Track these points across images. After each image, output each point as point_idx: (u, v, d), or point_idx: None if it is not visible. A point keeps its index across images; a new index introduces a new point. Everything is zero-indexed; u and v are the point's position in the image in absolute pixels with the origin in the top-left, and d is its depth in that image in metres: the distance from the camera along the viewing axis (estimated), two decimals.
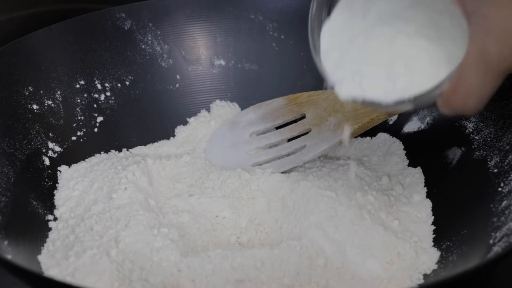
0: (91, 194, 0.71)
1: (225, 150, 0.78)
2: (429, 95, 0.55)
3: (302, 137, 0.75)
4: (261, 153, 0.76)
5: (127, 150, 0.79)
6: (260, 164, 0.76)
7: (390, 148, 0.77)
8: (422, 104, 0.56)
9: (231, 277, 0.61)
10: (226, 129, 0.79)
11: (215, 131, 0.80)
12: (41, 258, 0.65)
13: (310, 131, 0.74)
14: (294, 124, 0.76)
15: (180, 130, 0.82)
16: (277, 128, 0.78)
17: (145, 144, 0.80)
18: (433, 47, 0.55)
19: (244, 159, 0.76)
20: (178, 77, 0.83)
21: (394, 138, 0.78)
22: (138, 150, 0.80)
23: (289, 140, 0.76)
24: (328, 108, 0.74)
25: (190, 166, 0.76)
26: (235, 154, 0.77)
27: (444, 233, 0.68)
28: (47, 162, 0.74)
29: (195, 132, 0.81)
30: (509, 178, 0.65)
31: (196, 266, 0.62)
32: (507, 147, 0.68)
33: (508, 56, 0.49)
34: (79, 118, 0.78)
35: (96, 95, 0.79)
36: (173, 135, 0.82)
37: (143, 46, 0.82)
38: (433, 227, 0.69)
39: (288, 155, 0.75)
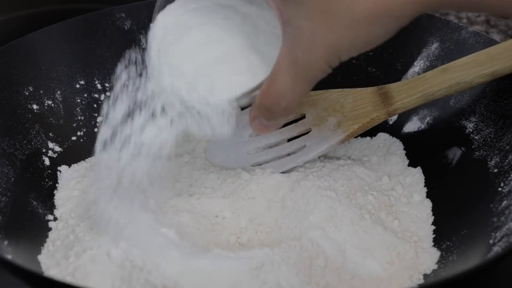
0: (91, 194, 0.71)
1: (225, 150, 0.78)
2: (251, 95, 0.61)
3: (302, 137, 0.75)
4: (261, 153, 0.76)
5: None
6: (260, 164, 0.76)
7: (390, 148, 0.77)
8: (245, 103, 0.62)
9: (231, 277, 0.61)
10: None
11: None
12: (41, 258, 0.65)
13: (310, 131, 0.74)
14: (294, 124, 0.76)
15: None
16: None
17: None
18: (253, 53, 0.61)
19: (244, 159, 0.76)
20: None
21: (394, 138, 0.78)
22: None
23: (289, 140, 0.76)
24: (328, 108, 0.74)
25: (190, 166, 0.76)
26: (235, 154, 0.77)
27: (444, 233, 0.68)
28: (47, 162, 0.74)
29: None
30: (509, 178, 0.65)
31: (196, 266, 0.62)
32: (507, 147, 0.68)
33: (316, 64, 0.55)
34: (79, 118, 0.78)
35: (96, 95, 0.79)
36: None
37: (143, 46, 0.82)
38: (433, 227, 0.69)
39: (288, 155, 0.75)
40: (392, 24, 0.54)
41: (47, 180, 0.73)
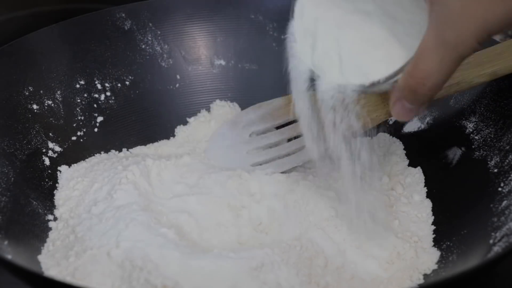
0: (91, 194, 0.71)
1: (225, 150, 0.78)
2: (395, 76, 0.59)
3: (302, 137, 0.75)
4: (261, 153, 0.76)
5: (127, 150, 0.79)
6: (260, 164, 0.76)
7: (390, 148, 0.77)
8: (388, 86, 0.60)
9: (231, 277, 0.61)
10: (226, 129, 0.79)
11: (215, 131, 0.80)
12: (41, 258, 0.65)
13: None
14: (294, 124, 0.76)
15: (180, 130, 0.82)
16: (277, 128, 0.78)
17: (145, 144, 0.80)
18: (393, 41, 0.60)
19: (244, 159, 0.76)
20: (178, 77, 0.83)
21: (394, 138, 0.78)
22: (138, 150, 0.80)
23: (289, 140, 0.76)
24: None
25: (190, 166, 0.76)
26: (235, 154, 0.77)
27: (444, 233, 0.68)
28: (47, 162, 0.74)
29: (195, 132, 0.81)
30: (509, 178, 0.65)
31: (196, 266, 0.62)
32: (507, 147, 0.68)
33: (465, 41, 0.53)
34: (79, 118, 0.78)
35: (96, 95, 0.79)
36: (173, 135, 0.82)
37: (143, 46, 0.82)
38: (433, 227, 0.69)
39: (288, 155, 0.75)
40: None
41: (47, 180, 0.73)
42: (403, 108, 0.59)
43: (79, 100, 0.78)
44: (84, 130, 0.78)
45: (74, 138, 0.77)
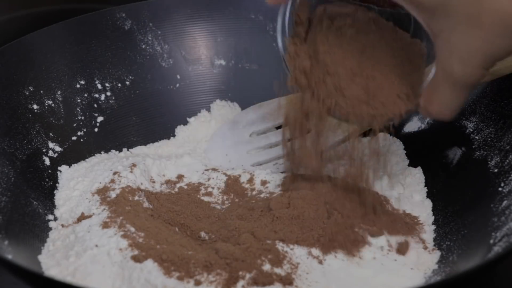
0: (91, 194, 0.71)
1: (226, 150, 0.78)
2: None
3: None
4: (262, 153, 0.76)
5: (128, 150, 0.79)
6: (261, 164, 0.76)
7: (391, 148, 0.77)
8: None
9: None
10: (227, 129, 0.79)
11: (215, 131, 0.80)
12: (41, 258, 0.65)
13: (311, 131, 0.74)
14: None
15: (180, 130, 0.82)
16: (278, 128, 0.78)
17: (145, 144, 0.80)
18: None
19: (245, 159, 0.76)
20: (178, 77, 0.83)
21: (394, 138, 0.78)
22: (139, 150, 0.80)
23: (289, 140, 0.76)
24: None
25: (191, 166, 0.76)
26: (236, 154, 0.77)
27: (445, 233, 0.68)
28: (47, 162, 0.74)
29: (195, 132, 0.81)
30: (510, 178, 0.65)
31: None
32: (508, 147, 0.68)
33: (471, 73, 0.57)
34: (80, 118, 0.78)
35: (97, 95, 0.79)
36: (174, 135, 0.82)
37: (143, 46, 0.82)
38: (433, 227, 0.69)
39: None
40: None
41: (47, 180, 0.73)
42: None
43: (79, 100, 0.78)
44: (85, 130, 0.78)
45: (74, 138, 0.77)
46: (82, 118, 0.78)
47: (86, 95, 0.79)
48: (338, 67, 0.64)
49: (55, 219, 0.70)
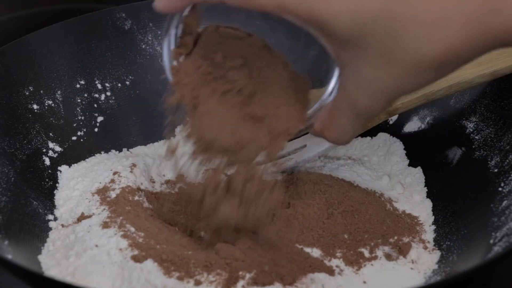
0: (91, 194, 0.71)
1: None
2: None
3: (302, 137, 0.75)
4: (262, 153, 0.76)
5: (128, 150, 0.79)
6: (261, 164, 0.76)
7: (391, 148, 0.77)
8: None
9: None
10: None
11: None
12: (41, 258, 0.65)
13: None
14: None
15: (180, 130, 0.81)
16: None
17: (145, 144, 0.80)
18: None
19: None
20: None
21: (394, 138, 0.78)
22: (139, 150, 0.80)
23: (289, 140, 0.76)
24: None
25: (190, 166, 0.76)
26: None
27: (445, 233, 0.68)
28: (47, 162, 0.74)
29: None
30: (510, 178, 0.65)
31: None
32: (508, 147, 0.68)
33: (376, 107, 0.56)
34: (80, 118, 0.78)
35: (97, 95, 0.79)
36: (173, 135, 0.81)
37: (143, 46, 0.82)
38: (433, 227, 0.69)
39: (289, 154, 0.75)
40: (457, 67, 0.54)
41: (47, 180, 0.73)
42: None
43: (79, 100, 0.78)
44: (84, 130, 0.78)
45: (74, 138, 0.77)
46: (82, 118, 0.78)
47: (86, 95, 0.79)
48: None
49: (55, 219, 0.70)
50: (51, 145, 0.75)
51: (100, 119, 0.79)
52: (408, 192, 0.73)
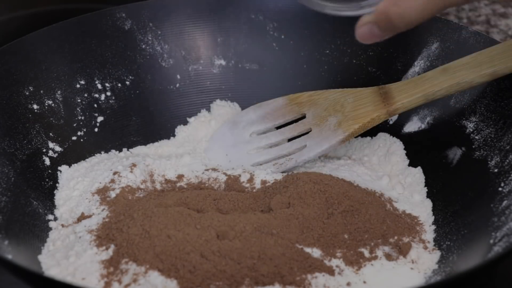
0: (91, 194, 0.71)
1: (226, 150, 0.78)
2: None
3: (302, 137, 0.75)
4: (262, 153, 0.76)
5: (128, 150, 0.79)
6: (261, 164, 0.76)
7: (391, 148, 0.77)
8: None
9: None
10: (227, 129, 0.79)
11: (215, 131, 0.80)
12: (41, 258, 0.65)
13: (311, 130, 0.74)
14: (294, 124, 0.76)
15: (180, 130, 0.81)
16: (278, 128, 0.78)
17: (145, 144, 0.80)
18: None
19: (245, 158, 0.76)
20: (178, 77, 0.83)
21: (394, 138, 0.78)
22: (139, 150, 0.80)
23: (290, 140, 0.76)
24: (329, 108, 0.74)
25: (191, 166, 0.76)
26: (236, 153, 0.77)
27: (445, 233, 0.68)
28: (47, 162, 0.74)
29: (195, 132, 0.81)
30: (510, 178, 0.65)
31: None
32: (508, 147, 0.68)
33: None
34: (80, 118, 0.78)
35: (97, 95, 0.79)
36: (173, 135, 0.82)
37: (143, 46, 0.82)
38: (433, 227, 0.69)
39: (289, 154, 0.75)
40: None
41: (47, 180, 0.73)
42: (370, 32, 0.61)
43: (79, 100, 0.78)
44: (85, 130, 0.78)
45: (74, 138, 0.77)
46: (82, 118, 0.78)
47: (86, 95, 0.79)
48: None
49: (55, 219, 0.70)
50: (51, 145, 0.75)
51: (100, 119, 0.79)
52: (408, 192, 0.73)
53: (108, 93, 0.80)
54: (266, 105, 0.78)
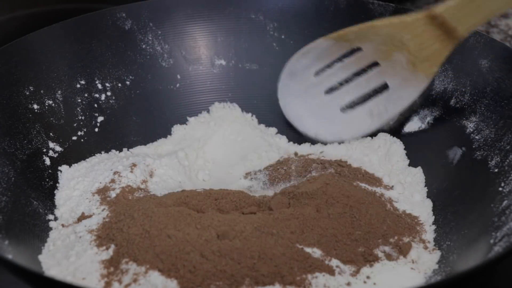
0: (92, 194, 0.71)
1: (301, 101, 0.77)
2: None
3: (374, 71, 0.74)
4: (342, 92, 0.76)
5: (128, 149, 0.79)
6: (352, 107, 0.75)
7: (391, 148, 0.77)
8: None
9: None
10: (287, 80, 0.78)
11: (279, 86, 0.79)
12: (41, 257, 0.65)
13: (377, 63, 0.73)
14: (354, 56, 0.75)
15: (176, 128, 0.81)
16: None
17: (145, 144, 0.80)
18: None
19: (327, 104, 0.76)
20: (178, 77, 0.83)
21: (394, 138, 0.78)
22: (139, 149, 0.80)
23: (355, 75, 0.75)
24: (387, 43, 0.72)
25: (190, 166, 0.76)
26: (313, 100, 0.76)
27: (445, 233, 0.68)
28: (47, 162, 0.74)
29: (192, 131, 0.81)
30: (510, 178, 0.66)
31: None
32: (508, 147, 0.68)
33: None
34: (80, 117, 0.78)
35: (97, 95, 0.79)
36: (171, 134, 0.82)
37: (143, 46, 0.82)
38: (433, 227, 0.69)
39: (370, 91, 0.75)
40: None
41: (47, 180, 0.73)
42: None
43: (79, 100, 0.78)
44: (85, 130, 0.78)
45: (74, 138, 0.77)
46: (83, 118, 0.78)
47: (86, 95, 0.79)
48: None
49: (56, 219, 0.70)
50: (51, 145, 0.75)
51: (100, 119, 0.79)
52: (409, 192, 0.73)
53: (108, 93, 0.80)
54: (313, 50, 0.76)
